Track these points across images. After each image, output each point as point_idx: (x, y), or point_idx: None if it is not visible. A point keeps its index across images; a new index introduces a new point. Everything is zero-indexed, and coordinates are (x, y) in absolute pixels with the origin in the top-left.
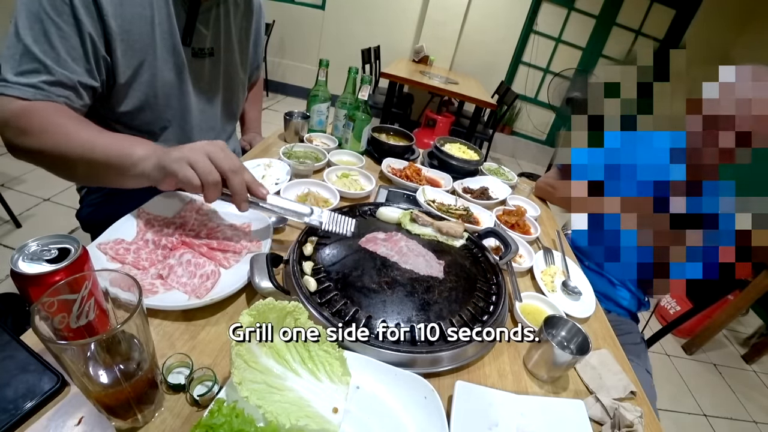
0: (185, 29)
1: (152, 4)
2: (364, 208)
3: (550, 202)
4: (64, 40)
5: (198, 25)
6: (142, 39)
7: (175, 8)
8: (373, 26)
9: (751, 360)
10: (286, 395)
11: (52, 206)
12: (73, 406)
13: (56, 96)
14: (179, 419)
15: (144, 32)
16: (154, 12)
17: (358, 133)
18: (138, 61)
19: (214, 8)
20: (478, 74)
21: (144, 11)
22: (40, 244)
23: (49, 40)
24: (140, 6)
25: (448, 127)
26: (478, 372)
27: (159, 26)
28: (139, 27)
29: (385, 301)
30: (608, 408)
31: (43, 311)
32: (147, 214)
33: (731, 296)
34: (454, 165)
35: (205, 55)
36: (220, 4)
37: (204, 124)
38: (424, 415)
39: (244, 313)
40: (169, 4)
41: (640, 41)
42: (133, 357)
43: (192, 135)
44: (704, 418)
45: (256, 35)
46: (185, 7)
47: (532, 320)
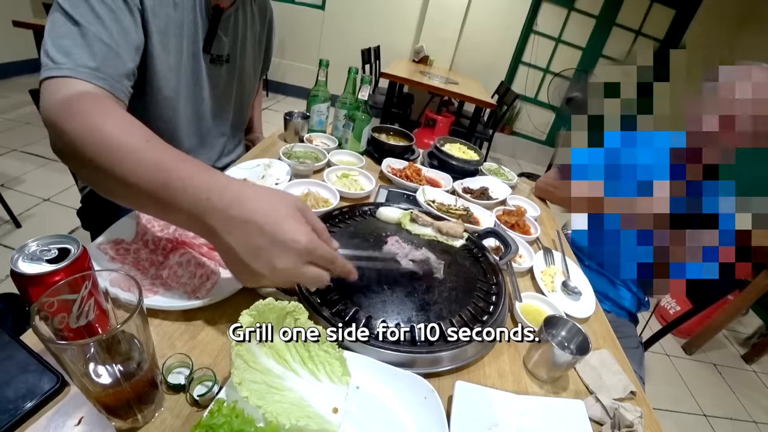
0: (207, 36)
1: (183, 9)
2: (364, 208)
3: (551, 201)
4: (116, 22)
5: (218, 33)
6: (171, 41)
7: (200, 15)
8: (373, 26)
9: (751, 360)
10: (286, 395)
11: (52, 206)
12: (73, 407)
13: (114, 82)
14: (179, 419)
15: (174, 34)
16: (184, 16)
17: (358, 133)
18: (166, 62)
19: (233, 15)
20: (478, 74)
21: (176, 14)
22: (40, 244)
23: (101, 19)
24: (173, 8)
25: (448, 127)
26: (478, 372)
27: (186, 31)
28: (170, 28)
29: (385, 301)
30: (608, 408)
31: (43, 311)
32: (147, 215)
33: (731, 296)
34: (454, 165)
35: (222, 62)
36: (239, 10)
37: (216, 130)
38: (424, 415)
39: (244, 313)
40: (196, 10)
41: (640, 41)
42: (133, 357)
43: (204, 140)
44: (704, 419)
45: (268, 42)
46: (209, 14)
47: (532, 320)
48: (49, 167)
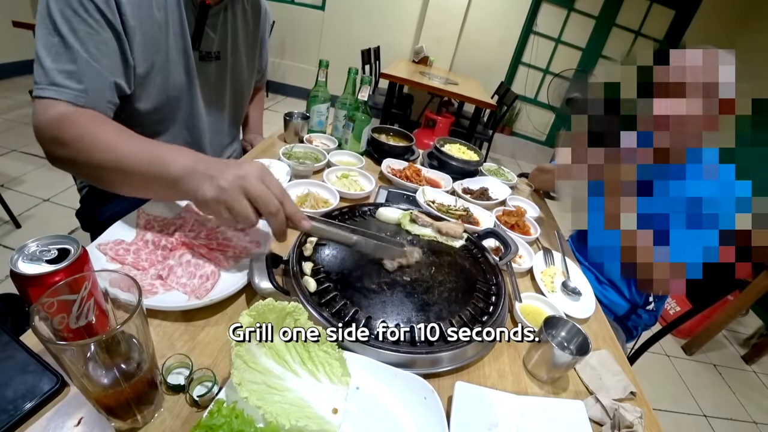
0: (194, 33)
1: (165, 8)
2: (364, 208)
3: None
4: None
5: (206, 29)
6: (156, 41)
7: (186, 12)
8: (373, 27)
9: (751, 360)
10: (285, 396)
11: (52, 206)
12: (73, 407)
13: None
14: (179, 420)
15: (158, 34)
16: (168, 15)
17: (358, 134)
18: (151, 63)
19: (222, 12)
20: (477, 75)
21: (158, 13)
22: (39, 245)
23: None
24: (155, 8)
25: (447, 128)
26: (477, 372)
27: (172, 29)
28: (152, 28)
29: (385, 301)
30: (608, 408)
31: (43, 312)
32: (147, 215)
33: (731, 296)
34: (453, 165)
35: (212, 58)
36: (228, 7)
37: (211, 127)
38: (423, 415)
39: (244, 314)
40: (181, 7)
41: (639, 42)
42: (133, 357)
43: (200, 138)
44: (704, 419)
45: (262, 39)
46: (195, 11)
47: (531, 321)
48: (49, 167)
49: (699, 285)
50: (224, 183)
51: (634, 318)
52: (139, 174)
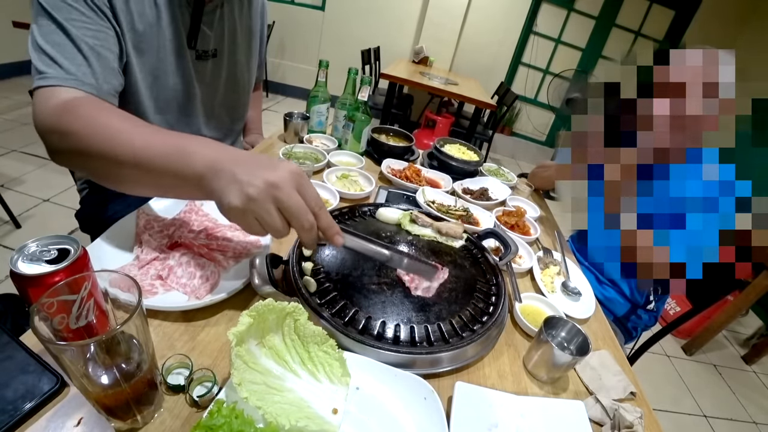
0: (190, 31)
1: (158, 5)
2: (364, 208)
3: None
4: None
5: (202, 27)
6: (149, 39)
7: (180, 10)
8: (373, 27)
9: (751, 361)
10: (285, 396)
11: (52, 207)
12: (73, 407)
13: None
14: (179, 420)
15: (151, 33)
16: (161, 13)
17: (358, 134)
18: (146, 61)
19: (218, 9)
20: (477, 75)
21: (150, 11)
22: (39, 245)
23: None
24: (148, 7)
25: (447, 128)
26: (477, 373)
27: (166, 28)
28: (145, 26)
29: (385, 301)
30: (608, 409)
31: (43, 312)
32: (147, 215)
33: (731, 297)
34: (453, 166)
35: (209, 57)
36: (224, 4)
37: (211, 126)
38: (423, 415)
39: (244, 314)
40: (174, 5)
41: (639, 42)
42: (133, 358)
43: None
44: (704, 419)
45: (261, 35)
46: (189, 9)
47: (531, 321)
48: (49, 168)
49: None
50: (253, 191)
51: (634, 318)
52: (156, 168)
